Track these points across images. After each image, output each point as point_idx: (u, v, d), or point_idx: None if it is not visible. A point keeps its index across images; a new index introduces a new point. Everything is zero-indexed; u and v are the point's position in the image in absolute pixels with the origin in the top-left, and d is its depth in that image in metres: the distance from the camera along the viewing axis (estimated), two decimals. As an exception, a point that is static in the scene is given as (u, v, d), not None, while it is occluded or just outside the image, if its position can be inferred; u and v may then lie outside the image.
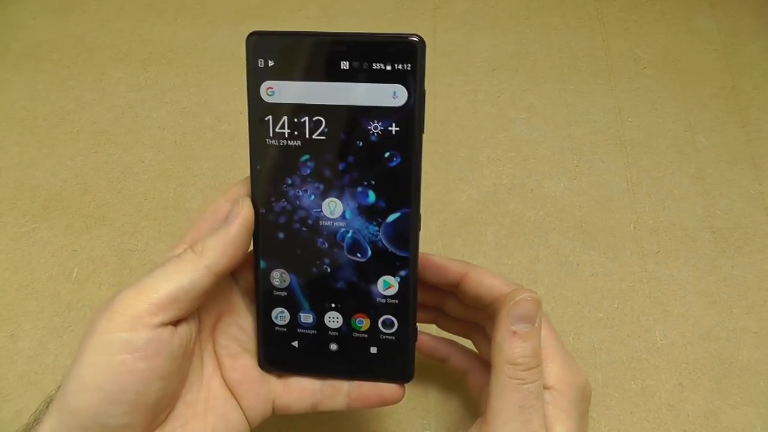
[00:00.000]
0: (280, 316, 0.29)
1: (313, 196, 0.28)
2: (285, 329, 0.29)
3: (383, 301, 0.28)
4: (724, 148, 0.47)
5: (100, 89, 0.51)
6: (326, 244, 0.28)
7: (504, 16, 0.54)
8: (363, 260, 0.28)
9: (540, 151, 0.47)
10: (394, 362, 0.29)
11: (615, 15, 0.54)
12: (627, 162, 0.47)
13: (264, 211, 0.28)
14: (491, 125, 0.49)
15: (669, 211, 0.45)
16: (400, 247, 0.28)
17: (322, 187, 0.27)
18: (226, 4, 0.55)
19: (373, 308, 0.28)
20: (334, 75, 0.26)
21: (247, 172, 0.28)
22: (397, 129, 0.26)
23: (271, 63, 0.27)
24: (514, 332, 0.27)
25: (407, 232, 0.27)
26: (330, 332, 0.29)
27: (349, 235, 0.28)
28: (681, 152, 0.47)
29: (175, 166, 0.47)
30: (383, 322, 0.28)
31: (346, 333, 0.29)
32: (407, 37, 0.26)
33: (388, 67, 0.26)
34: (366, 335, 0.29)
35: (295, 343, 0.29)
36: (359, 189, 0.27)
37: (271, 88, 0.27)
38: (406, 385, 0.29)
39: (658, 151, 0.47)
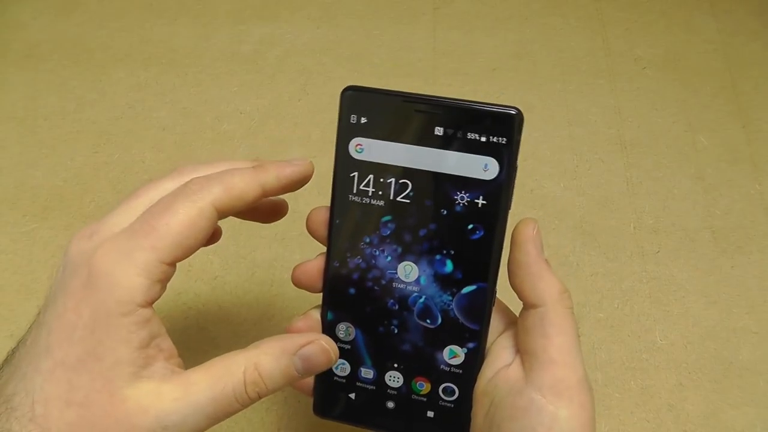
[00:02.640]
0: (341, 367, 0.29)
1: (389, 258, 0.27)
2: (344, 380, 0.29)
3: (447, 369, 0.28)
4: (724, 148, 0.47)
5: (101, 89, 0.51)
6: (397, 306, 0.28)
7: (504, 16, 0.54)
8: (432, 327, 0.27)
9: (540, 151, 0.47)
10: (449, 429, 0.28)
11: (615, 15, 0.54)
12: (627, 162, 0.47)
13: (338, 264, 0.28)
14: (491, 125, 0.49)
15: (669, 211, 0.45)
16: (472, 321, 0.27)
17: (400, 249, 0.27)
18: (226, 4, 0.55)
19: (436, 374, 0.28)
20: (427, 140, 0.26)
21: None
22: (484, 202, 0.26)
23: (363, 120, 0.26)
24: (547, 261, 0.26)
25: (481, 307, 0.27)
26: (389, 390, 0.29)
27: (422, 300, 0.27)
28: (681, 152, 0.47)
29: (175, 166, 0.47)
30: (444, 389, 0.28)
31: (405, 393, 0.28)
32: (505, 110, 0.25)
33: (483, 139, 0.25)
34: (425, 399, 0.28)
35: (353, 395, 0.29)
36: (437, 257, 0.27)
37: (360, 145, 0.26)
38: None
39: (658, 151, 0.47)
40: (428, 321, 0.27)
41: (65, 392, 0.22)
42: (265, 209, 0.30)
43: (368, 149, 0.26)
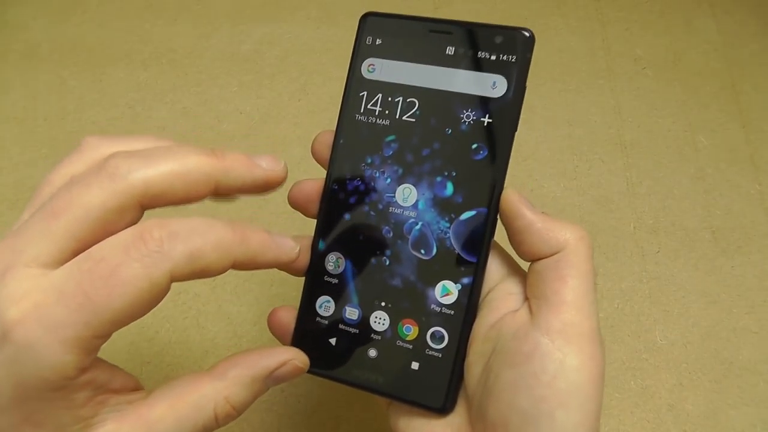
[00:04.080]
0: (325, 305, 0.27)
1: (389, 179, 0.27)
2: (326, 322, 0.27)
3: (438, 309, 0.26)
4: (724, 148, 0.47)
5: (100, 89, 0.51)
6: (391, 234, 0.27)
7: (504, 16, 0.54)
8: (426, 258, 0.26)
9: (540, 151, 0.47)
10: (433, 386, 0.26)
11: (615, 15, 0.54)
12: (627, 162, 0.47)
13: (337, 187, 0.27)
14: (491, 125, 0.49)
15: (669, 211, 0.45)
16: (469, 251, 0.26)
17: (400, 171, 0.26)
18: (226, 4, 0.55)
19: (425, 315, 0.26)
20: (438, 59, 0.26)
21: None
22: (490, 121, 0.26)
23: (378, 41, 0.27)
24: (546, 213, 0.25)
25: (479, 235, 0.26)
26: (373, 335, 0.27)
27: (418, 227, 0.26)
28: (681, 152, 0.47)
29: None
30: (432, 335, 0.26)
31: (389, 338, 0.27)
32: (517, 29, 0.26)
33: (492, 57, 0.26)
34: (410, 346, 0.26)
35: (333, 341, 0.27)
36: (438, 178, 0.26)
37: (373, 65, 0.27)
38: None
39: (658, 151, 0.47)
40: (423, 251, 0.26)
41: None
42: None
43: (380, 69, 0.27)
